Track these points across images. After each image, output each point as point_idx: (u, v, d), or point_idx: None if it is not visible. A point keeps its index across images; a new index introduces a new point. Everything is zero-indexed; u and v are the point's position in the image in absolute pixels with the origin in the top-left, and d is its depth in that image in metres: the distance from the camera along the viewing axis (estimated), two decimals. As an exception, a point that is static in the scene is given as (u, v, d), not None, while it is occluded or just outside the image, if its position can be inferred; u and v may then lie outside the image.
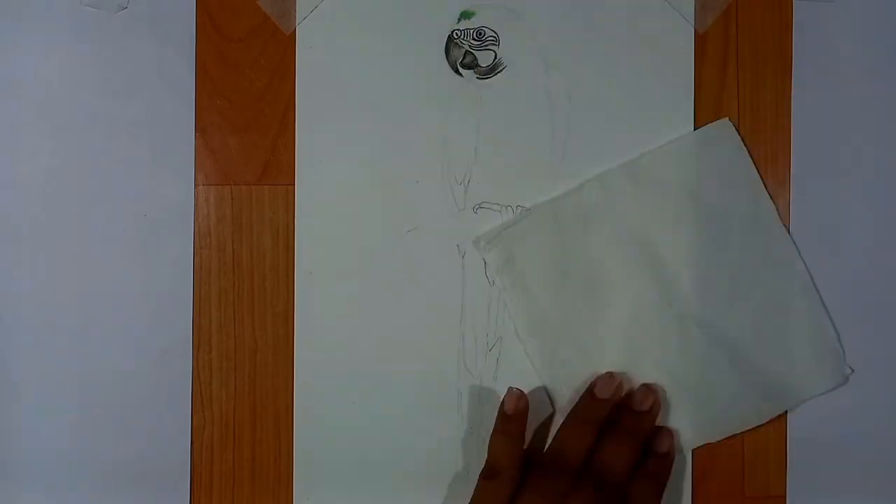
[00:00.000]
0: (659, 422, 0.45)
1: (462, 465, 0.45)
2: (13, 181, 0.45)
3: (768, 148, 0.46)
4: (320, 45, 0.45)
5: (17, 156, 0.45)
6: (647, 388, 0.44)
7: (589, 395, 0.44)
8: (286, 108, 0.45)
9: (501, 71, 0.45)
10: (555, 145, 0.45)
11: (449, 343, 0.45)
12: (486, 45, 0.45)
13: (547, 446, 0.44)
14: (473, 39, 0.45)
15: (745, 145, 0.45)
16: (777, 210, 0.45)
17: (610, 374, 0.44)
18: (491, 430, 0.44)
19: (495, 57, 0.45)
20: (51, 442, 0.45)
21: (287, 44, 0.45)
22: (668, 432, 0.44)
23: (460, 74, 0.45)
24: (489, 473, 0.42)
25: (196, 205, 0.45)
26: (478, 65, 0.45)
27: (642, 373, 0.45)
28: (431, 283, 0.45)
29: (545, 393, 0.45)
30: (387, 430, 0.45)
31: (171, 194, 0.45)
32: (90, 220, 0.45)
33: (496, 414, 0.44)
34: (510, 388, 0.44)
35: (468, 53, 0.45)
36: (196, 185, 0.45)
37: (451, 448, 0.45)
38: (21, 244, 0.45)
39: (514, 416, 0.43)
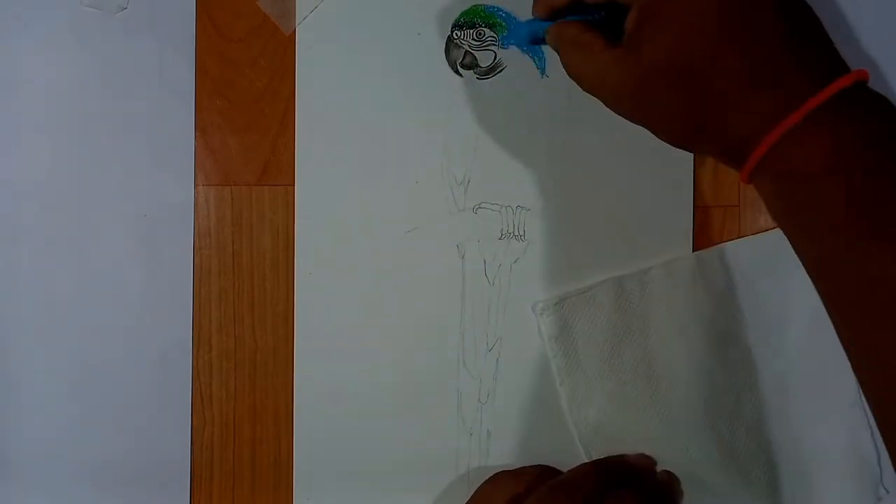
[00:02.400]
0: None
1: (462, 466, 0.45)
2: (13, 181, 0.45)
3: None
4: (320, 45, 0.45)
5: (17, 156, 0.45)
6: (669, 474, 0.44)
7: (619, 456, 0.44)
8: (286, 108, 0.45)
9: (501, 71, 0.45)
10: (554, 146, 0.45)
11: (449, 343, 0.45)
12: (486, 45, 0.45)
13: (560, 476, 0.43)
14: (473, 39, 0.45)
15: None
16: None
17: (644, 455, 0.44)
18: (490, 430, 0.44)
19: (495, 57, 0.45)
20: (51, 442, 0.45)
21: (287, 44, 0.45)
22: (673, 476, 0.44)
23: (460, 74, 0.45)
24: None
25: (196, 205, 0.45)
26: (478, 65, 0.45)
27: (674, 463, 0.44)
28: (431, 283, 0.45)
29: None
30: (386, 430, 0.45)
31: (171, 194, 0.45)
32: (90, 220, 0.45)
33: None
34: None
35: (468, 53, 0.45)
36: (196, 186, 0.45)
37: (451, 448, 0.45)
38: (21, 244, 0.45)
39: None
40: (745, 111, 0.31)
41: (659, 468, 0.44)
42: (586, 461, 0.44)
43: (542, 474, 0.43)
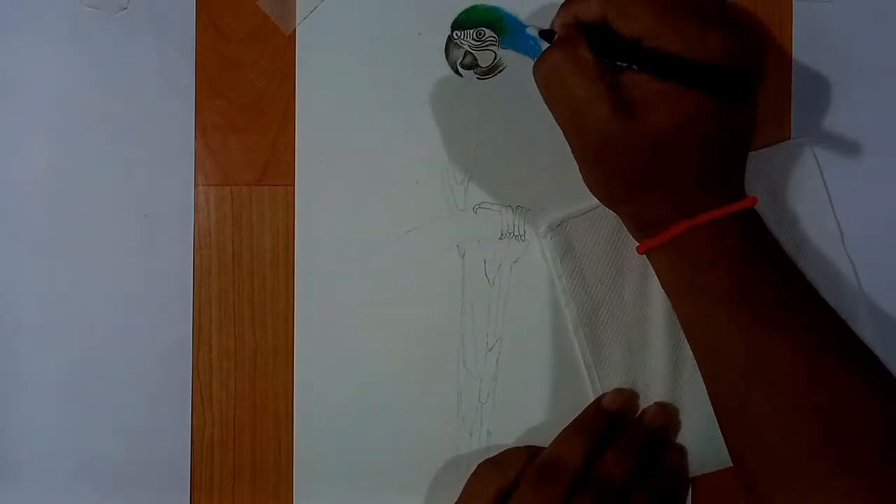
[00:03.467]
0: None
1: (462, 466, 0.45)
2: (13, 181, 0.45)
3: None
4: (320, 45, 0.45)
5: (17, 156, 0.45)
6: (660, 407, 0.44)
7: (595, 405, 0.44)
8: (286, 109, 0.45)
9: (501, 71, 0.45)
10: (554, 146, 0.45)
11: (449, 343, 0.45)
12: (486, 45, 0.45)
13: (543, 453, 0.43)
14: (473, 39, 0.45)
15: (820, 168, 0.45)
16: (843, 239, 0.45)
17: (620, 390, 0.44)
18: (490, 430, 0.44)
19: (495, 57, 0.45)
20: (51, 442, 0.45)
21: (287, 44, 0.45)
22: (679, 448, 0.44)
23: (460, 74, 0.45)
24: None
25: (196, 205, 0.45)
26: (478, 65, 0.45)
27: (678, 384, 0.44)
28: (431, 283, 0.45)
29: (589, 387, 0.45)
30: (386, 431, 0.45)
31: (171, 194, 0.45)
32: (90, 220, 0.45)
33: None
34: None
35: (468, 53, 0.45)
36: (196, 186, 0.45)
37: (451, 448, 0.45)
38: (21, 244, 0.45)
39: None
40: (667, 203, 0.38)
41: (656, 399, 0.44)
42: (630, 402, 0.44)
43: (529, 457, 0.43)
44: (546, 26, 0.41)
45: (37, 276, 0.45)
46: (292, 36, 0.45)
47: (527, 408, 0.45)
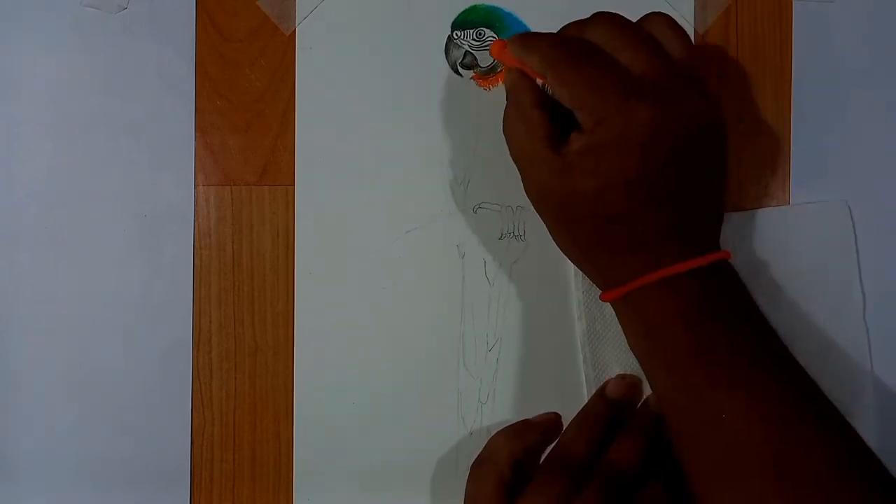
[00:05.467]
0: None
1: (462, 466, 0.45)
2: (13, 181, 0.45)
3: (768, 148, 0.46)
4: (320, 45, 0.45)
5: (17, 156, 0.45)
6: None
7: (598, 395, 0.44)
8: (286, 108, 0.45)
9: (501, 71, 0.45)
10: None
11: (449, 343, 0.45)
12: (486, 46, 0.45)
13: (552, 446, 0.42)
14: (473, 39, 0.45)
15: (855, 232, 0.45)
16: (864, 304, 0.45)
17: (622, 376, 0.44)
18: (490, 430, 0.44)
19: (495, 57, 0.45)
20: (51, 442, 0.45)
21: (287, 44, 0.45)
22: None
23: (460, 74, 0.45)
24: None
25: (196, 205, 0.45)
26: (478, 65, 0.45)
27: None
28: (431, 283, 0.45)
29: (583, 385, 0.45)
30: (386, 431, 0.45)
31: (171, 194, 0.45)
32: (90, 220, 0.45)
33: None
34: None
35: (468, 53, 0.45)
36: (196, 186, 0.45)
37: (452, 448, 0.45)
38: (21, 244, 0.45)
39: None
40: (623, 259, 0.37)
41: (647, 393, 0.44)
42: (634, 387, 0.44)
43: (510, 438, 0.42)
44: (545, 25, 0.41)
45: (36, 276, 0.45)
46: (292, 36, 0.45)
47: (527, 408, 0.45)
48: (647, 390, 0.44)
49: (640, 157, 0.35)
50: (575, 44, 0.37)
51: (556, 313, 0.45)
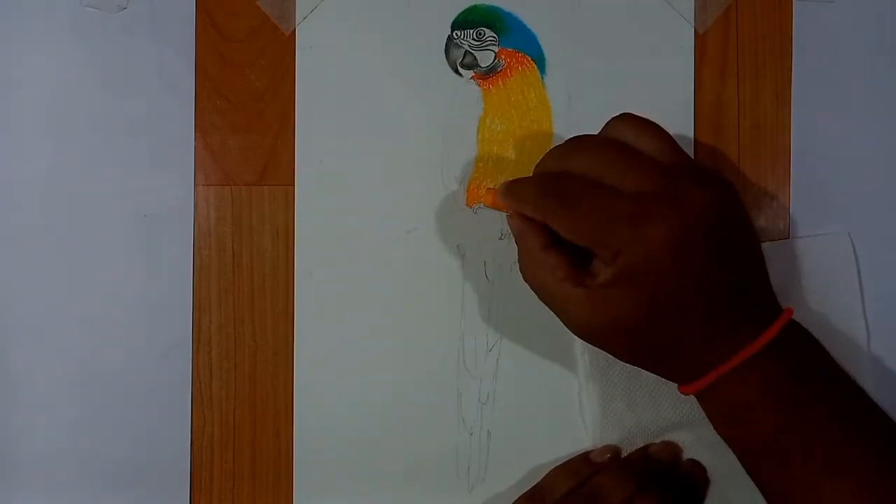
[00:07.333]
0: None
1: (462, 466, 0.45)
2: (13, 181, 0.45)
3: (768, 148, 0.46)
4: (320, 45, 0.45)
5: (17, 156, 0.45)
6: (666, 444, 0.44)
7: (583, 456, 0.44)
8: (286, 109, 0.45)
9: (501, 71, 0.45)
10: (554, 145, 0.45)
11: (449, 343, 0.45)
12: (486, 45, 0.45)
13: (530, 488, 0.43)
14: (473, 39, 0.45)
15: (857, 263, 0.45)
16: (868, 336, 0.45)
17: (607, 446, 0.44)
18: (490, 430, 0.44)
19: (495, 57, 0.45)
20: (51, 442, 0.45)
21: (287, 44, 0.45)
22: (699, 465, 0.43)
23: (460, 74, 0.45)
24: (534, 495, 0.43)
25: (196, 205, 0.45)
26: (478, 65, 0.45)
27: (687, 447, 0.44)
28: (431, 283, 0.45)
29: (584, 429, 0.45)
30: (386, 431, 0.45)
31: (171, 194, 0.45)
32: (90, 220, 0.45)
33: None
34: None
35: (468, 53, 0.45)
36: (196, 186, 0.45)
37: (451, 449, 0.45)
38: (21, 244, 0.45)
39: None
40: (691, 357, 0.36)
41: (684, 457, 0.44)
42: (616, 457, 0.44)
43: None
44: (545, 25, 0.41)
45: (36, 276, 0.45)
46: (292, 36, 0.45)
47: (527, 408, 0.45)
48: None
49: (672, 269, 0.34)
50: (562, 183, 0.36)
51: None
